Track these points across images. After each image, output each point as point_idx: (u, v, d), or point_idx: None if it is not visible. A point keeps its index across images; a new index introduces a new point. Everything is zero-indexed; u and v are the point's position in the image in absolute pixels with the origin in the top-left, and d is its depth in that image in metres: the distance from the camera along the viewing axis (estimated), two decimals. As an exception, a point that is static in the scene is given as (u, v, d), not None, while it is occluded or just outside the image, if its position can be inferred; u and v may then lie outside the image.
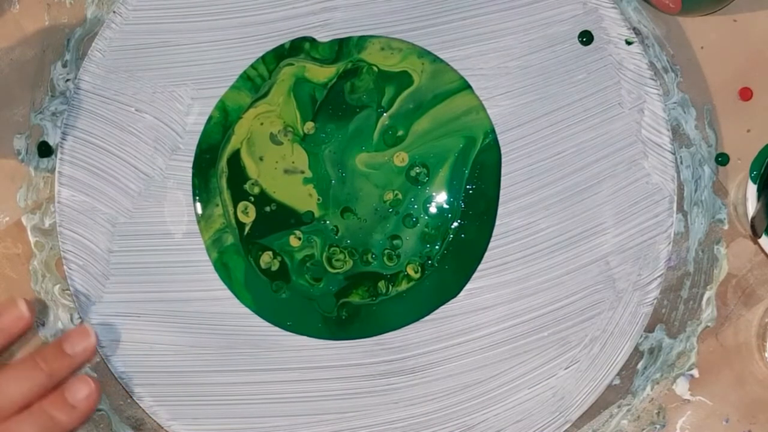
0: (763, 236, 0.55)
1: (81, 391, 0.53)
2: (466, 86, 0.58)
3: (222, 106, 0.59)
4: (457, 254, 0.58)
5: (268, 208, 0.59)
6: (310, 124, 0.59)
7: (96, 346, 0.55)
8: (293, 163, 0.59)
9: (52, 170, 0.59)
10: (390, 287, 0.58)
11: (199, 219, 0.58)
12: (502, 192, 0.58)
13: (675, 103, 0.58)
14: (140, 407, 0.57)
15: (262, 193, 0.59)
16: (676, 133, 0.58)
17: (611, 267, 0.57)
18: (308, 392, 0.57)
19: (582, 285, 0.57)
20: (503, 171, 0.58)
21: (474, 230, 0.58)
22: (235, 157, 0.59)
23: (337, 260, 0.59)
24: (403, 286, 0.58)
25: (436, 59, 0.59)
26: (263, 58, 0.59)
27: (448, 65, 0.58)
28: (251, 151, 0.59)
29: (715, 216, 0.58)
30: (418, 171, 0.59)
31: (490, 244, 0.58)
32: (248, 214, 0.59)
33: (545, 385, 0.57)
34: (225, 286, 0.58)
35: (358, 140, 0.59)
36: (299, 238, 0.59)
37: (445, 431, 0.57)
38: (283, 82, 0.59)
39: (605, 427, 0.58)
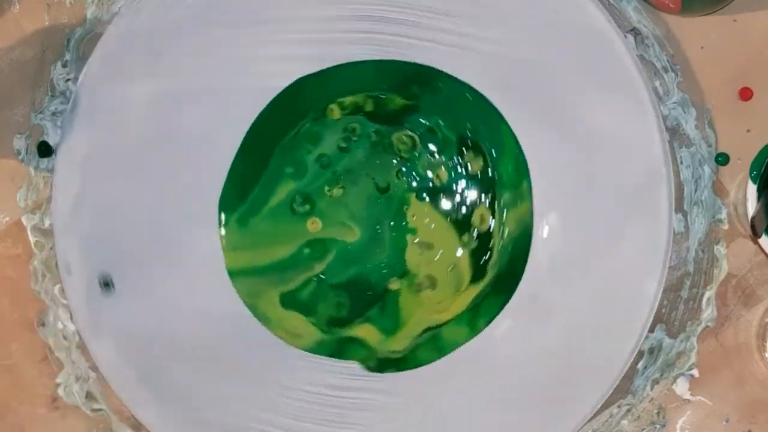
0: (763, 236, 0.55)
1: None
2: None
3: None
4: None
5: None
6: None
7: None
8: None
9: (52, 170, 0.59)
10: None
11: None
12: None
13: (675, 103, 0.58)
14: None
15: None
16: (676, 133, 0.58)
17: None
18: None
19: None
20: None
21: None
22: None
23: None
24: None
25: None
26: None
27: None
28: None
29: (715, 216, 0.58)
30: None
31: None
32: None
33: None
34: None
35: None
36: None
37: None
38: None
39: (605, 427, 0.58)
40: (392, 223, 0.59)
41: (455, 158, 0.58)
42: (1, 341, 0.59)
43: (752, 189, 0.55)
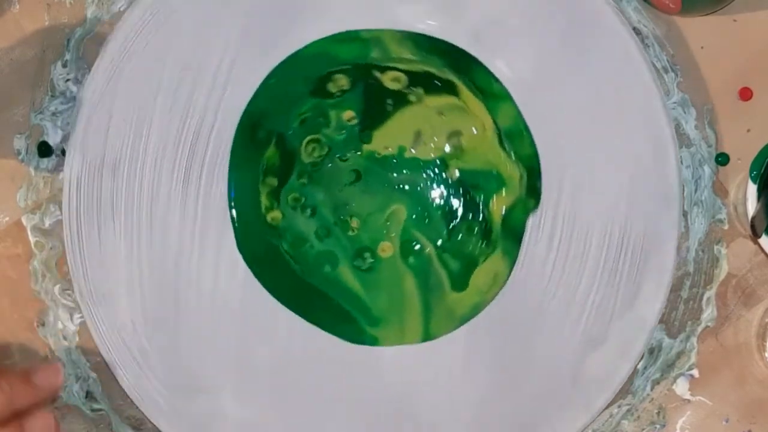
0: (763, 236, 0.55)
1: (41, 427, 0.52)
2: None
3: None
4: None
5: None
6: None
7: (61, 387, 0.53)
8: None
9: (52, 170, 0.59)
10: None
11: None
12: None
13: (675, 103, 0.58)
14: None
15: None
16: (676, 133, 0.58)
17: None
18: None
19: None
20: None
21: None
22: None
23: None
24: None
25: None
26: None
27: None
28: None
29: (715, 216, 0.58)
30: None
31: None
32: None
33: None
34: None
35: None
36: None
37: None
38: None
39: (605, 427, 0.58)
40: (393, 173, 0.59)
41: (332, 99, 0.59)
42: (1, 341, 0.59)
43: (752, 189, 0.55)
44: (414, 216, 0.59)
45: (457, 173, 0.59)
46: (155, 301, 0.57)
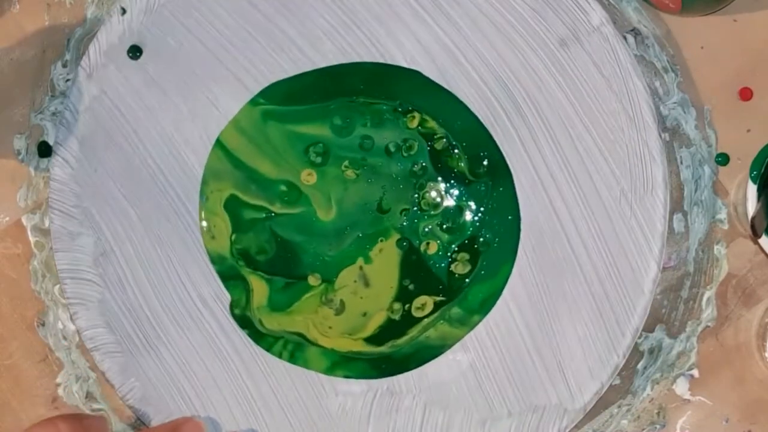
0: (763, 236, 0.55)
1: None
2: None
3: None
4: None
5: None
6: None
7: None
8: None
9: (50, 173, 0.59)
10: None
11: None
12: None
13: (675, 103, 0.58)
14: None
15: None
16: (676, 133, 0.58)
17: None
18: None
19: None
20: None
21: None
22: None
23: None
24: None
25: None
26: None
27: None
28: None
29: (715, 216, 0.58)
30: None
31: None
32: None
33: None
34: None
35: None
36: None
37: None
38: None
39: (605, 427, 0.58)
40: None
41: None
42: (1, 341, 0.59)
43: (752, 189, 0.55)
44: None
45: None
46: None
